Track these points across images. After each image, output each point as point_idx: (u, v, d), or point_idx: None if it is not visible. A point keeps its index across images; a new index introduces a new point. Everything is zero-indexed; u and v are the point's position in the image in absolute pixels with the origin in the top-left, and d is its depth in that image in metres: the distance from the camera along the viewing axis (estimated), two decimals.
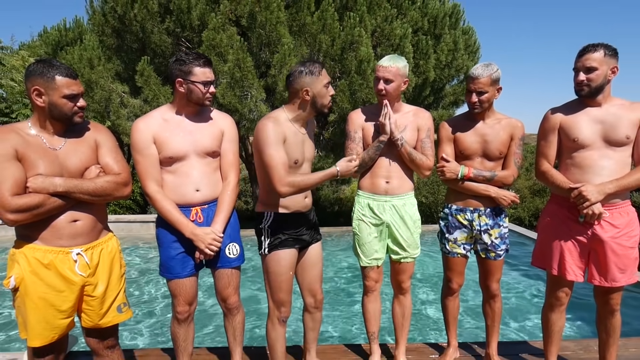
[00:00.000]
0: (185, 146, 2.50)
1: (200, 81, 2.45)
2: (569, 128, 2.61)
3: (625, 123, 2.50)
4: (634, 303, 5.17)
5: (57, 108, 2.08)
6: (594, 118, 2.56)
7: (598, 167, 2.52)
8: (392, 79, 2.69)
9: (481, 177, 2.78)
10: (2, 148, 1.99)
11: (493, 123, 2.83)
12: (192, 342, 2.79)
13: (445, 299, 3.11)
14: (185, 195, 2.53)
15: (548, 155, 2.71)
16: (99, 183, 2.15)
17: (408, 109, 2.87)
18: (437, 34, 10.63)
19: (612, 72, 2.51)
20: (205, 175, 2.56)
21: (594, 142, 2.54)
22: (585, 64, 2.49)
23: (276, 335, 2.71)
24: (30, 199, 1.97)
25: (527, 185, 12.85)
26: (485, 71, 2.68)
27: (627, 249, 2.56)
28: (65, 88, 2.07)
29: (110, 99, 10.12)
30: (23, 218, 1.99)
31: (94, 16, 10.35)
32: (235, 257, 2.66)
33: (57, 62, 2.10)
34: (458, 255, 2.95)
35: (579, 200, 2.47)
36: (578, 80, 2.52)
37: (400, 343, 3.01)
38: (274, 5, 8.68)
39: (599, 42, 2.50)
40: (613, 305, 2.68)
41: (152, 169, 2.48)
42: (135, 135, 2.47)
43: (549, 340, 2.86)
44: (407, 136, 2.76)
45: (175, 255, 2.56)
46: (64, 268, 2.11)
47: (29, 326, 2.10)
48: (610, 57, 2.48)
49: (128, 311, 2.39)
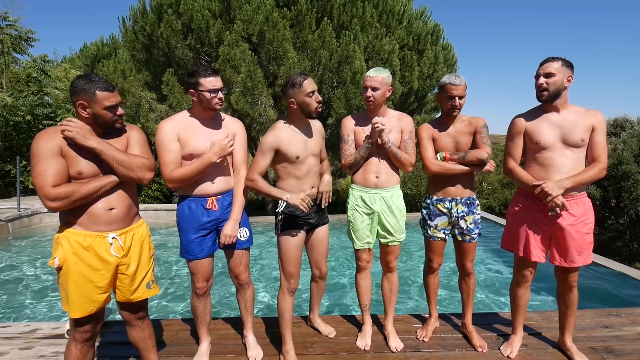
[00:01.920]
0: (204, 144, 2.50)
1: (206, 89, 2.44)
2: (532, 133, 2.61)
3: (580, 128, 2.51)
4: (589, 282, 5.20)
5: (100, 118, 2.07)
6: (554, 123, 2.56)
7: (558, 165, 2.54)
8: (378, 87, 2.70)
9: (456, 157, 2.79)
10: (49, 145, 1.98)
11: (461, 125, 2.84)
12: (210, 313, 2.80)
13: (427, 277, 3.11)
14: (202, 186, 2.54)
15: (514, 155, 2.71)
16: (128, 156, 2.13)
17: (393, 113, 2.87)
18: (421, 49, 10.61)
19: (568, 80, 2.52)
20: (220, 169, 2.58)
21: (554, 144, 2.55)
22: (545, 70, 2.52)
23: (285, 303, 2.70)
24: (64, 189, 1.96)
25: (498, 179, 12.87)
26: (461, 79, 2.72)
27: (584, 234, 2.57)
28: (105, 101, 2.05)
29: (140, 104, 10.13)
30: (62, 205, 1.98)
31: (126, 34, 10.35)
32: (245, 240, 2.68)
33: (96, 77, 2.07)
34: (438, 239, 2.95)
35: (542, 195, 2.49)
36: (538, 84, 2.54)
37: (389, 314, 3.01)
38: (281, 24, 8.67)
39: (557, 56, 2.54)
40: (571, 282, 2.69)
41: (172, 161, 2.45)
42: (161, 133, 2.47)
43: (517, 311, 2.86)
44: (393, 138, 2.76)
45: (194, 239, 2.58)
46: (101, 250, 2.10)
47: (70, 300, 2.09)
48: (567, 68, 2.51)
49: (156, 287, 2.38)
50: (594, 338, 3.03)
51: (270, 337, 3.05)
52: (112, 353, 2.91)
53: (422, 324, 3.24)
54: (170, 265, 6.51)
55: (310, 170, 2.64)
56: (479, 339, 2.94)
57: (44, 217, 9.25)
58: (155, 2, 9.59)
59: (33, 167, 1.98)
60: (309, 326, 3.23)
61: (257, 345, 2.88)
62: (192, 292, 2.71)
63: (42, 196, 1.96)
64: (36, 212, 9.20)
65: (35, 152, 1.97)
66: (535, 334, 3.07)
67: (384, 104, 2.80)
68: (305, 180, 2.63)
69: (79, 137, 2.01)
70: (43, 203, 1.98)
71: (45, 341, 3.09)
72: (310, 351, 2.90)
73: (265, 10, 8.68)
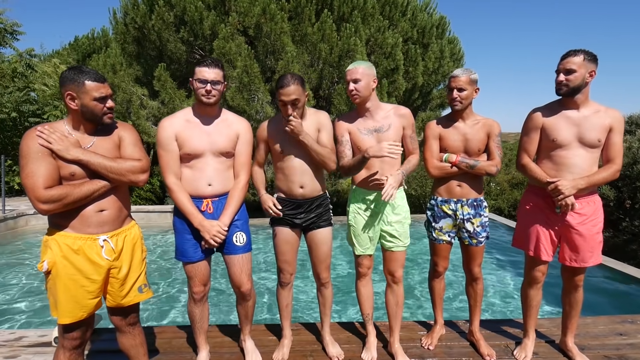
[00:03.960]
0: (202, 145, 2.51)
1: (196, 78, 2.46)
2: (549, 129, 2.63)
3: (598, 128, 2.52)
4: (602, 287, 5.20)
5: (89, 110, 2.07)
6: (572, 121, 2.57)
7: (571, 165, 2.57)
8: (360, 78, 2.65)
9: (464, 164, 2.78)
10: (39, 145, 1.99)
11: (472, 123, 2.83)
12: (207, 319, 2.79)
13: (432, 281, 3.11)
14: (198, 188, 2.54)
15: (529, 150, 2.73)
16: (117, 161, 2.14)
17: (388, 107, 2.80)
18: (425, 43, 10.61)
19: (590, 75, 2.51)
20: (218, 172, 2.57)
21: (570, 142, 2.57)
22: (565, 66, 2.51)
23: (279, 295, 2.91)
24: (56, 191, 1.97)
25: (507, 179, 12.86)
26: (464, 72, 2.72)
27: (594, 234, 2.63)
28: (94, 91, 2.06)
29: (131, 101, 10.11)
30: (53, 208, 1.99)
31: (117, 26, 10.35)
32: (242, 245, 2.65)
33: (86, 69, 2.08)
34: (443, 242, 2.96)
35: (555, 193, 2.52)
36: (558, 80, 2.54)
37: (395, 330, 2.94)
38: (278, 17, 8.67)
39: (580, 48, 2.51)
40: (577, 281, 2.75)
41: (172, 163, 2.51)
42: (160, 133, 2.51)
43: (528, 313, 2.89)
44: (392, 135, 2.72)
45: (188, 241, 2.57)
46: (92, 253, 2.11)
47: (59, 305, 2.10)
48: (589, 62, 2.49)
49: (148, 291, 2.39)
50: (608, 346, 3.04)
51: (269, 344, 3.06)
52: None
53: (427, 331, 3.25)
54: (162, 270, 6.52)
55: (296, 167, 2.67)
56: (487, 347, 2.95)
57: (30, 220, 9.25)
58: None
59: (23, 168, 1.98)
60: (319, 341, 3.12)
61: (256, 349, 2.88)
62: (189, 297, 2.70)
63: (33, 198, 1.96)
64: (22, 214, 9.21)
65: (25, 152, 1.98)
66: (546, 342, 3.08)
67: (373, 98, 2.73)
68: (292, 178, 2.69)
69: (62, 149, 2.01)
70: (34, 205, 1.98)
71: (32, 349, 3.09)
72: None
73: (262, 2, 8.67)
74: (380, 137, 2.71)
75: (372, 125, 2.74)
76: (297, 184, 2.70)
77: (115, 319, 2.36)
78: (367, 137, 2.73)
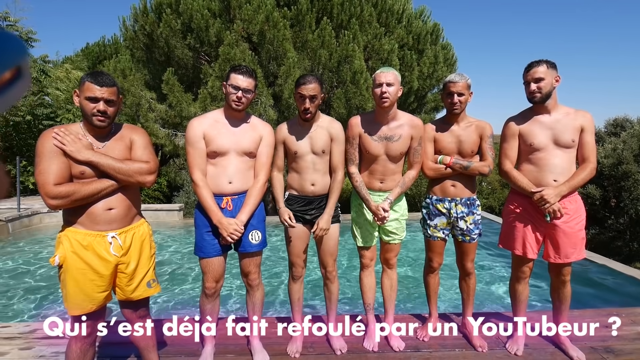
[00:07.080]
0: (228, 144, 2.52)
1: (230, 84, 2.49)
2: (526, 135, 2.67)
3: (570, 129, 2.58)
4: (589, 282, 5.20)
5: (82, 108, 2.08)
6: (545, 125, 2.63)
7: (551, 165, 2.60)
8: (393, 83, 2.64)
9: (458, 165, 2.78)
10: (53, 145, 2.00)
11: (466, 126, 2.83)
12: (217, 315, 2.77)
13: (427, 276, 3.11)
14: (219, 185, 2.54)
15: (510, 156, 2.76)
16: (126, 163, 2.14)
17: (403, 118, 2.78)
18: (420, 49, 10.61)
19: (556, 80, 2.59)
20: (239, 170, 2.56)
21: (547, 145, 2.61)
22: (534, 76, 2.57)
23: (291, 288, 2.91)
24: (65, 188, 1.98)
25: (498, 179, 12.88)
26: (462, 77, 2.73)
27: (577, 231, 2.65)
28: (88, 91, 2.05)
29: (140, 104, 10.11)
30: (61, 203, 1.99)
31: (126, 33, 10.35)
32: (257, 243, 2.64)
33: (101, 73, 2.09)
34: (438, 239, 2.95)
35: (540, 202, 2.56)
36: (530, 90, 2.59)
37: (389, 312, 3.00)
38: (281, 24, 8.67)
39: (540, 59, 2.59)
40: (565, 277, 2.75)
41: (199, 160, 2.52)
42: (189, 131, 2.53)
43: (517, 307, 2.91)
44: (400, 145, 2.72)
45: (207, 237, 2.57)
46: (100, 249, 2.11)
47: (69, 298, 2.10)
48: (552, 69, 2.57)
49: (157, 286, 2.38)
50: (594, 337, 3.03)
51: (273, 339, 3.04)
52: (112, 352, 2.91)
53: (422, 323, 3.24)
54: (170, 267, 6.51)
55: (309, 167, 2.70)
56: (479, 338, 2.94)
57: (44, 217, 9.25)
58: (155, 2, 9.59)
59: (36, 165, 2.01)
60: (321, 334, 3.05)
61: (263, 349, 2.85)
62: (202, 291, 2.69)
63: (43, 194, 1.97)
64: (36, 212, 9.20)
65: (40, 150, 2.00)
66: (537, 334, 3.07)
67: (395, 104, 2.73)
68: (304, 177, 2.71)
69: (74, 150, 2.03)
70: (44, 200, 2.00)
71: (45, 341, 3.09)
72: (310, 351, 2.90)
73: (265, 10, 8.68)
74: (389, 146, 2.73)
75: (385, 132, 2.74)
76: (309, 181, 2.71)
77: (126, 311, 2.37)
78: (376, 143, 2.74)
